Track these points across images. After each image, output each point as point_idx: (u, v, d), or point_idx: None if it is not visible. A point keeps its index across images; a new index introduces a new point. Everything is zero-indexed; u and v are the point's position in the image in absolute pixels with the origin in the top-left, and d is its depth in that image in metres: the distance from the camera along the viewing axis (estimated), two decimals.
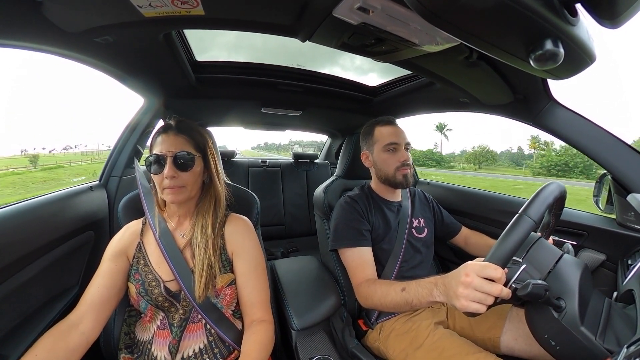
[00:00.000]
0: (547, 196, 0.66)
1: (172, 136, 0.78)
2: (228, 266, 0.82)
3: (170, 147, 0.77)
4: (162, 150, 0.76)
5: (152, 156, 0.77)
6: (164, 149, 0.76)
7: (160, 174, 0.76)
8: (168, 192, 0.77)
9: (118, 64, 0.95)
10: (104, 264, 0.77)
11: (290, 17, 0.71)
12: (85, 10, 0.65)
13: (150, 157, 0.78)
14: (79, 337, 0.68)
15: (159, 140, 0.79)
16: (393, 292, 0.85)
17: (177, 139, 0.78)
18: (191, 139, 0.80)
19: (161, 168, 0.76)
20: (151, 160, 0.77)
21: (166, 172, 0.75)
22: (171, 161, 0.76)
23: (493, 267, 0.59)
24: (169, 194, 0.77)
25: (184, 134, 0.80)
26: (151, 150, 0.80)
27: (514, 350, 0.91)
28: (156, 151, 0.77)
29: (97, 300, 0.72)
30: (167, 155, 0.76)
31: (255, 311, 0.80)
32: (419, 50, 0.78)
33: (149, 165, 0.78)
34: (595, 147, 0.96)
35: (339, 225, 1.10)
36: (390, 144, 1.11)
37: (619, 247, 0.95)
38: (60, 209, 0.96)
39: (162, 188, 0.77)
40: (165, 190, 0.77)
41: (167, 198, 0.78)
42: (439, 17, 0.41)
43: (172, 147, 0.77)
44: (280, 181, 2.39)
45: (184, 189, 0.78)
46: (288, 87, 1.36)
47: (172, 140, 0.78)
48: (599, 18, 0.40)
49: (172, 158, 0.76)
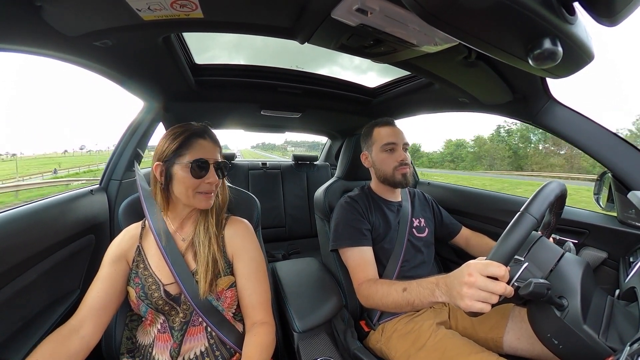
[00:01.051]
0: (548, 194, 0.66)
1: (211, 143, 0.80)
2: (228, 269, 0.82)
3: (213, 154, 0.79)
4: (206, 156, 0.77)
5: (197, 160, 0.75)
6: (207, 155, 0.77)
7: (200, 180, 0.76)
8: (204, 197, 0.78)
9: (117, 68, 0.95)
10: (104, 268, 0.77)
11: (289, 20, 0.72)
12: (84, 14, 0.65)
13: (193, 161, 0.75)
14: (79, 341, 0.68)
15: (199, 144, 0.77)
16: (394, 292, 0.85)
17: (215, 147, 0.80)
18: (221, 150, 0.83)
19: (205, 172, 0.77)
20: (193, 164, 0.75)
21: (212, 178, 0.77)
22: (214, 168, 0.78)
23: (496, 265, 0.59)
24: (204, 199, 0.78)
25: (218, 145, 0.82)
26: (182, 153, 0.76)
27: (517, 349, 0.91)
28: (199, 155, 0.76)
29: (97, 305, 0.72)
30: (211, 162, 0.78)
31: (256, 313, 0.79)
32: (418, 51, 0.78)
33: (190, 167, 0.75)
34: (595, 145, 0.96)
35: (339, 225, 1.10)
36: (388, 144, 1.13)
37: (621, 245, 0.95)
38: (61, 213, 0.96)
39: (197, 192, 0.77)
40: (199, 195, 0.77)
41: (201, 204, 0.78)
42: (437, 18, 0.41)
43: (214, 155, 0.79)
44: (281, 183, 2.39)
45: (214, 194, 0.81)
46: (287, 89, 1.36)
47: (211, 147, 0.79)
48: (596, 16, 0.41)
49: (214, 165, 0.78)
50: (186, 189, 0.76)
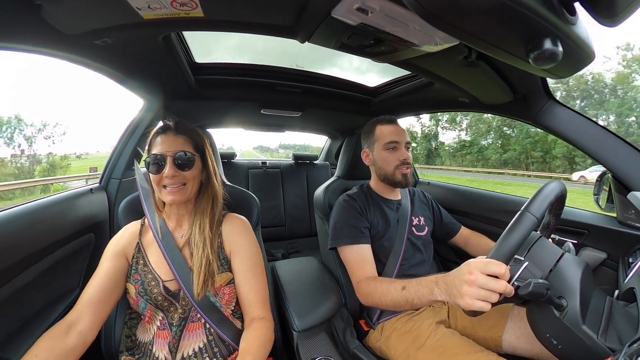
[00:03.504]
0: (548, 194, 0.66)
1: (172, 136, 0.79)
2: (226, 265, 0.82)
3: (171, 147, 0.77)
4: (162, 150, 0.76)
5: (150, 156, 0.77)
6: (164, 149, 0.77)
7: (160, 174, 0.76)
8: (168, 192, 0.77)
9: (117, 66, 0.95)
10: (103, 264, 0.77)
11: (289, 18, 0.72)
12: (84, 12, 0.65)
13: (149, 158, 0.77)
14: (77, 336, 0.68)
15: (158, 141, 0.78)
16: (393, 291, 0.85)
17: (177, 139, 0.79)
18: (190, 139, 0.81)
19: (161, 168, 0.76)
20: (150, 161, 0.77)
21: (166, 171, 0.75)
22: (171, 161, 0.76)
23: (496, 263, 0.59)
24: (168, 194, 0.77)
25: (183, 134, 0.80)
26: (150, 151, 0.79)
27: (516, 349, 0.91)
28: (155, 151, 0.77)
29: (94, 300, 0.72)
30: (167, 155, 0.76)
31: (254, 309, 0.79)
32: (418, 51, 0.78)
33: (148, 165, 0.77)
34: (595, 145, 0.96)
35: (338, 223, 1.10)
36: (390, 142, 1.12)
37: (620, 246, 0.95)
38: (61, 212, 0.96)
39: (161, 188, 0.77)
40: (164, 191, 0.77)
41: (167, 198, 0.77)
42: (437, 18, 0.41)
43: (172, 147, 0.77)
44: (281, 182, 2.39)
45: (184, 188, 0.78)
46: (287, 88, 1.36)
47: (171, 141, 0.78)
48: (597, 16, 0.41)
49: (172, 158, 0.76)
50: (156, 187, 0.78)
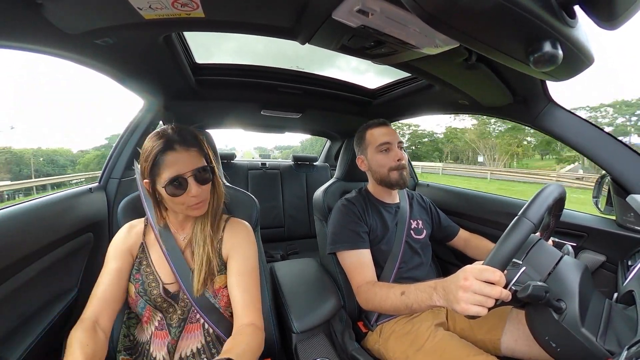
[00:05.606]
0: (546, 198, 0.65)
1: (184, 152, 0.72)
2: (224, 268, 0.82)
3: (188, 166, 0.72)
4: (180, 171, 0.71)
5: (171, 180, 0.70)
6: (182, 169, 0.71)
7: (185, 195, 0.72)
8: (194, 208, 0.75)
9: (118, 66, 0.95)
10: (110, 262, 0.76)
11: (290, 20, 0.72)
12: (85, 12, 0.65)
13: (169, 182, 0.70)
14: (102, 333, 0.68)
15: (170, 160, 0.71)
16: (392, 296, 0.84)
17: (190, 154, 0.73)
18: (200, 150, 0.77)
19: (183, 189, 0.71)
20: (168, 183, 0.70)
21: (194, 191, 0.72)
22: (193, 180, 0.72)
23: (491, 270, 0.59)
24: (194, 209, 0.75)
25: (194, 147, 0.75)
26: (158, 172, 0.71)
27: (515, 351, 0.91)
28: (172, 173, 0.70)
29: (109, 298, 0.72)
30: (188, 175, 0.71)
31: (247, 313, 0.75)
32: (418, 53, 0.78)
33: (166, 187, 0.71)
34: (595, 148, 0.96)
35: (337, 228, 1.10)
36: (383, 144, 1.12)
37: (619, 248, 0.95)
38: (60, 211, 0.96)
39: (187, 206, 0.74)
40: (189, 208, 0.75)
41: (194, 213, 0.76)
42: (438, 20, 0.41)
43: (190, 166, 0.72)
44: (280, 183, 2.39)
45: (206, 200, 0.78)
46: (288, 89, 1.36)
47: (185, 157, 0.72)
48: (597, 19, 0.41)
49: (193, 176, 0.72)
50: (175, 205, 0.75)
